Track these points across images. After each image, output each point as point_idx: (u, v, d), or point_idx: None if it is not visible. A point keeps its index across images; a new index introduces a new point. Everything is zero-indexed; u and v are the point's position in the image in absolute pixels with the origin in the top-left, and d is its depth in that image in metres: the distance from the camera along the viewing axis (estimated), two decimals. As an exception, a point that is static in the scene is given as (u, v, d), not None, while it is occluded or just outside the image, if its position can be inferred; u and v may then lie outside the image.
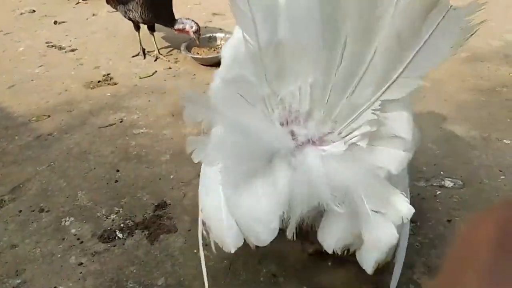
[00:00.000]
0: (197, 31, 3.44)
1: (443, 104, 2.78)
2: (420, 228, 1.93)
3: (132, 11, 3.39)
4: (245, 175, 1.20)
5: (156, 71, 3.53)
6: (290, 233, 1.22)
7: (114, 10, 3.75)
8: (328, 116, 1.24)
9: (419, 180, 2.18)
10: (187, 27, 3.42)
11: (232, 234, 1.29)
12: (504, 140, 2.41)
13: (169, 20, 3.45)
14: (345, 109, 1.21)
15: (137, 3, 3.30)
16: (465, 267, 0.41)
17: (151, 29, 3.65)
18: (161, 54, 3.74)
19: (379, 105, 1.16)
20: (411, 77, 1.12)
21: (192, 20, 3.44)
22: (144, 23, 3.59)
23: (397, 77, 1.12)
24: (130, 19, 3.54)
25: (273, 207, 1.17)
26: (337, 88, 1.18)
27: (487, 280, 0.38)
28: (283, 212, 1.18)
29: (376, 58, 1.11)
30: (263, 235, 1.21)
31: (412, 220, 1.95)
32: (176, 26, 3.45)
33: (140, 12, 3.35)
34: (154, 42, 3.72)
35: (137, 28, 3.69)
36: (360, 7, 1.05)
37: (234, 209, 1.25)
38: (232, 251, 1.29)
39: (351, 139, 1.22)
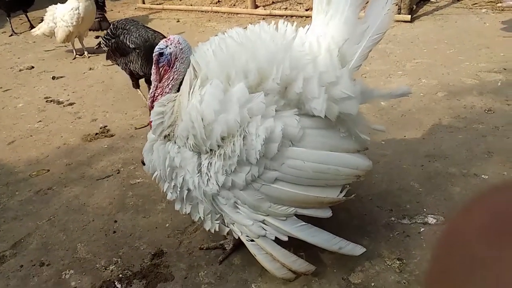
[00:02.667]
0: None
1: (422, 142, 2.93)
2: (406, 265, 2.02)
3: (132, 63, 3.49)
4: None
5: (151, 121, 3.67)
6: None
7: (111, 63, 3.93)
8: None
9: (403, 218, 2.29)
10: None
11: None
12: (482, 176, 2.54)
13: None
14: None
15: (138, 54, 3.42)
16: (455, 260, 0.38)
17: (149, 82, 3.77)
18: (155, 104, 3.89)
19: None
20: None
21: None
22: (144, 76, 3.60)
23: None
24: (130, 72, 3.61)
25: None
26: None
27: (481, 274, 0.34)
28: None
29: None
30: None
31: (398, 258, 2.06)
32: None
33: (140, 64, 3.43)
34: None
35: (137, 85, 3.77)
36: None
37: None
38: None
39: None
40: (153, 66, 1.89)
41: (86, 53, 5.48)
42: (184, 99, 1.75)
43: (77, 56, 5.49)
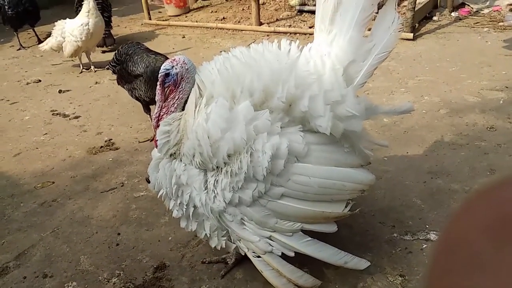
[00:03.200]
0: None
1: (425, 159, 2.95)
2: (409, 282, 2.02)
3: (137, 89, 3.43)
4: None
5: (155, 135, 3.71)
6: None
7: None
8: None
9: (405, 234, 2.29)
10: None
11: None
12: (485, 193, 2.54)
13: None
14: None
15: (140, 80, 3.36)
16: (457, 259, 0.36)
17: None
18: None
19: None
20: None
21: None
22: (150, 101, 3.48)
23: None
24: (136, 98, 3.54)
25: None
26: None
27: (483, 273, 0.33)
28: None
29: None
30: None
31: (401, 274, 2.05)
32: None
33: (144, 90, 3.37)
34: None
35: (148, 110, 3.64)
36: None
37: None
38: None
39: None
40: (158, 86, 1.89)
41: (92, 67, 5.56)
42: (190, 118, 1.78)
43: (83, 70, 5.57)
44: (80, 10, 5.38)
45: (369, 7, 1.68)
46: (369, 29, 1.78)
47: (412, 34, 5.40)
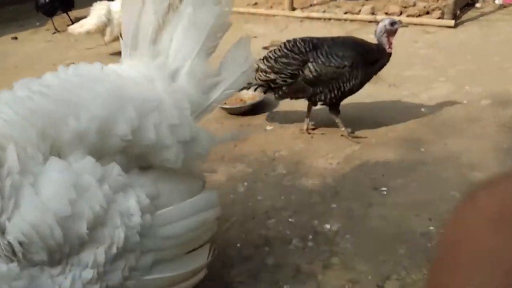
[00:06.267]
0: None
1: (464, 151, 2.82)
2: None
3: (345, 84, 2.90)
4: None
5: None
6: None
7: None
8: None
9: (442, 228, 2.21)
10: None
11: None
12: (529, 188, 2.42)
13: None
14: None
15: (347, 68, 2.86)
16: (463, 251, 0.36)
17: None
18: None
19: None
20: None
21: None
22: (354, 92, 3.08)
23: None
24: (340, 97, 3.03)
25: None
26: None
27: (489, 265, 0.33)
28: None
29: None
30: None
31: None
32: None
33: (355, 77, 2.91)
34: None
35: (338, 111, 3.13)
36: None
37: None
38: None
39: None
40: None
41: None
42: None
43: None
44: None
45: (213, 37, 1.52)
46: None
47: (453, 21, 5.17)
